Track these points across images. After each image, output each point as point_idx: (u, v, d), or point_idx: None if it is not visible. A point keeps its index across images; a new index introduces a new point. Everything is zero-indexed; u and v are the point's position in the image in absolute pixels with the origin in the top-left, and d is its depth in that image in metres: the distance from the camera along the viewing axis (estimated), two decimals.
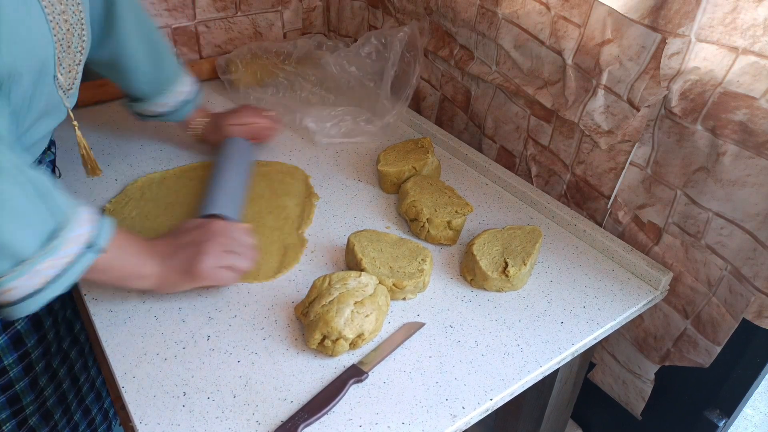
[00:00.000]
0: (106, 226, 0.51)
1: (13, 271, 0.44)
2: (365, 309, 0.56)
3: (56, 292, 0.47)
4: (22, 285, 0.45)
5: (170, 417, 0.51)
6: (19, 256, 0.44)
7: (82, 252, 0.48)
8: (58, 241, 0.46)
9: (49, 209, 0.46)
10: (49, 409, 0.69)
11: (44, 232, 0.46)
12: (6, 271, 0.44)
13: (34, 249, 0.45)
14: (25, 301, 0.46)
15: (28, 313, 0.47)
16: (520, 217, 0.78)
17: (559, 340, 0.60)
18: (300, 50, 1.08)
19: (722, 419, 0.72)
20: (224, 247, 0.59)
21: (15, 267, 0.44)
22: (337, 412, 0.52)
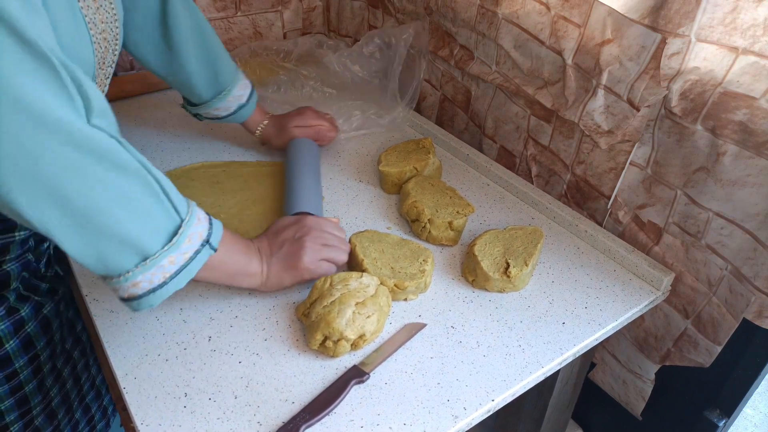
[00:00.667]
0: (216, 225, 0.53)
1: (140, 266, 0.46)
2: (367, 310, 0.56)
3: (177, 287, 0.49)
4: (147, 279, 0.47)
5: (171, 418, 0.51)
6: (145, 252, 0.46)
7: (199, 249, 0.50)
8: (179, 238, 0.48)
9: (172, 207, 0.48)
10: (53, 408, 0.69)
11: (168, 229, 0.47)
12: (133, 266, 0.46)
13: (160, 245, 0.47)
14: (148, 295, 0.47)
15: (150, 307, 0.48)
16: (521, 218, 0.78)
17: (561, 340, 0.60)
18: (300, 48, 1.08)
19: (722, 419, 0.72)
20: (321, 240, 0.62)
21: (141, 262, 0.46)
22: (339, 413, 0.52)
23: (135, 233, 0.45)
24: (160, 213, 0.47)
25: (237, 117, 0.82)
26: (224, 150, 0.90)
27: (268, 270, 0.59)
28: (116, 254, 0.45)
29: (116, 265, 0.45)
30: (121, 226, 0.44)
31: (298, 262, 0.60)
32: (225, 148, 0.91)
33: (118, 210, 0.43)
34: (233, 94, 0.80)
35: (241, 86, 0.81)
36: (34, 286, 0.63)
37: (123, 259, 0.45)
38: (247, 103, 0.82)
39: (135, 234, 0.45)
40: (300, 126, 0.85)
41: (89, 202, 0.42)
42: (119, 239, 0.44)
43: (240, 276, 0.58)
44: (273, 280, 0.60)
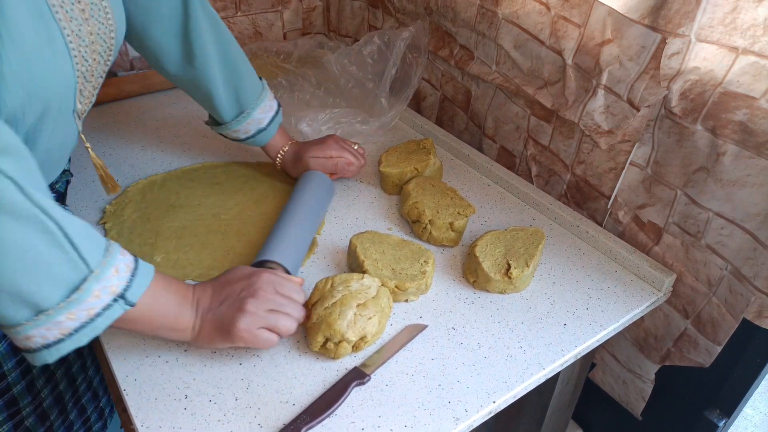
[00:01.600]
0: (139, 277, 0.47)
1: (32, 321, 0.41)
2: (368, 311, 0.56)
3: (78, 344, 0.44)
4: (40, 335, 0.42)
5: (172, 420, 0.51)
6: (38, 307, 0.41)
7: (109, 304, 0.45)
8: (81, 294, 0.43)
9: (78, 257, 0.43)
10: (45, 409, 0.69)
11: (68, 283, 0.42)
12: (25, 320, 0.41)
13: (56, 300, 0.42)
14: (41, 351, 0.43)
15: (47, 362, 0.44)
16: (522, 219, 0.78)
17: (562, 342, 0.60)
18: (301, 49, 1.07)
19: (722, 419, 0.72)
20: (269, 304, 0.53)
21: (34, 317, 0.41)
22: (340, 415, 0.52)
23: (25, 286, 0.40)
24: (61, 264, 0.42)
25: (256, 141, 0.78)
26: (224, 150, 0.90)
27: (200, 327, 0.52)
28: (3, 306, 0.40)
29: (4, 317, 0.41)
30: (9, 277, 0.39)
31: (232, 326, 0.51)
32: (225, 149, 0.91)
33: (7, 260, 0.39)
34: (253, 116, 0.75)
35: (263, 108, 0.76)
36: None
37: (12, 311, 0.41)
38: (267, 128, 0.77)
39: (25, 287, 0.40)
40: (317, 157, 0.78)
41: None
42: (7, 291, 0.40)
43: (165, 330, 0.51)
44: (204, 340, 0.53)
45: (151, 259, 0.67)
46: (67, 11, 0.48)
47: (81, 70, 0.51)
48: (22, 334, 0.42)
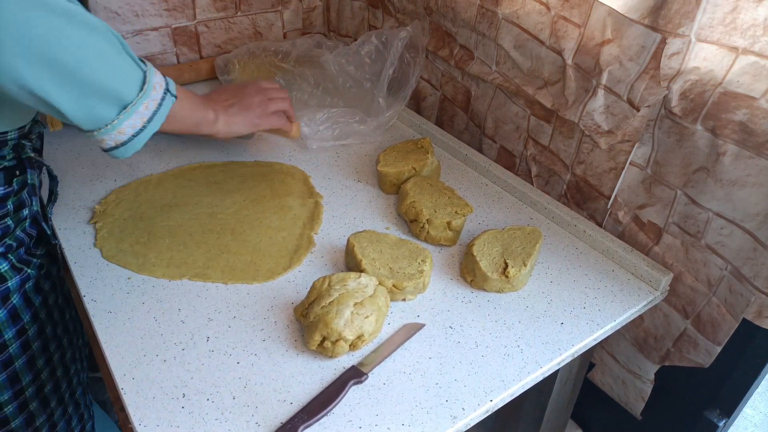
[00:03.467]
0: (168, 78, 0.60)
1: (122, 114, 0.53)
2: (365, 310, 0.56)
3: (153, 130, 0.57)
4: (130, 125, 0.54)
5: (169, 418, 0.51)
6: (123, 101, 0.53)
7: (164, 95, 0.57)
8: (148, 86, 0.55)
9: (135, 60, 0.55)
10: (46, 395, 0.69)
11: (138, 79, 0.55)
12: (114, 116, 0.53)
13: (135, 94, 0.54)
14: (132, 139, 0.55)
15: (135, 150, 0.56)
16: (520, 218, 0.78)
17: (559, 341, 0.60)
18: (299, 49, 1.07)
19: (722, 419, 0.72)
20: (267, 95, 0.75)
21: (122, 111, 0.53)
22: (337, 414, 0.52)
23: (114, 85, 0.52)
24: (128, 66, 0.54)
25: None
26: (223, 151, 0.90)
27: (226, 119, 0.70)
28: (101, 105, 0.52)
29: (103, 116, 0.52)
30: (100, 79, 0.51)
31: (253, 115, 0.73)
32: (223, 149, 0.91)
33: (96, 65, 0.50)
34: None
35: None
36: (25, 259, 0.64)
37: (107, 109, 0.53)
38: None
39: (114, 85, 0.52)
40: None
41: (71, 59, 0.48)
42: (102, 91, 0.51)
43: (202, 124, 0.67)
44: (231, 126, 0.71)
45: (144, 258, 0.67)
46: None
47: None
48: (117, 128, 0.54)
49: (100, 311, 0.61)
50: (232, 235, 0.72)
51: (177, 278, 0.65)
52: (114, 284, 0.64)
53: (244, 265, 0.67)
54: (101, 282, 0.65)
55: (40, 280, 0.66)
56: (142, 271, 0.66)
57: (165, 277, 0.65)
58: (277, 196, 0.79)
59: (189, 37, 1.09)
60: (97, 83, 0.51)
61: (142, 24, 1.03)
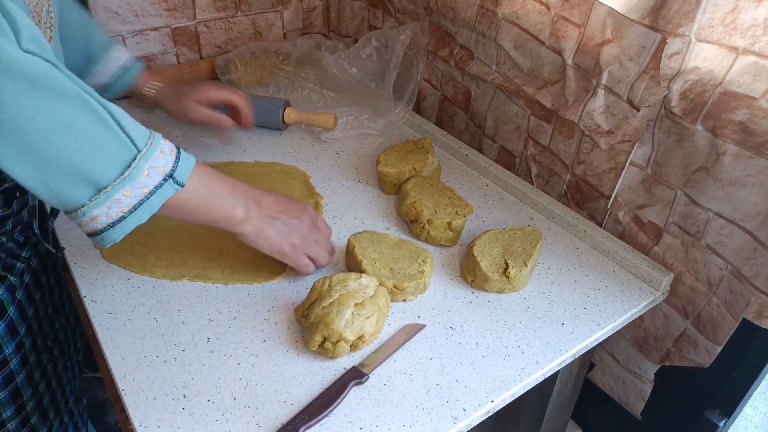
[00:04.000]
0: (184, 160, 0.50)
1: (94, 200, 0.45)
2: (366, 311, 0.56)
3: (137, 223, 0.48)
4: (103, 213, 0.46)
5: (170, 419, 0.51)
6: (98, 184, 0.45)
7: (160, 183, 0.48)
8: (133, 171, 0.46)
9: (125, 137, 0.46)
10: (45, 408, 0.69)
11: (120, 160, 0.46)
12: (87, 199, 0.45)
13: (112, 177, 0.45)
14: (108, 230, 0.47)
15: (113, 242, 0.48)
16: (520, 218, 0.78)
17: (560, 341, 0.60)
18: (299, 50, 1.08)
19: (722, 419, 0.72)
20: (314, 235, 0.61)
21: (95, 195, 0.45)
22: (338, 415, 0.52)
23: (83, 164, 0.43)
24: (111, 143, 0.45)
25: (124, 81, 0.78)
26: (223, 150, 0.90)
27: (259, 226, 0.57)
28: (68, 186, 0.44)
29: (69, 198, 0.45)
30: (67, 157, 0.43)
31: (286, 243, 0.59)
32: (224, 149, 0.91)
33: (61, 139, 0.42)
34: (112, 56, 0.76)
35: (120, 50, 0.77)
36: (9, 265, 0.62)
37: (75, 191, 0.44)
38: (132, 66, 0.78)
39: (83, 165, 0.43)
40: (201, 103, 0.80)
41: (31, 131, 0.41)
42: (68, 170, 0.43)
43: (222, 220, 0.55)
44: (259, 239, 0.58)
45: (144, 259, 0.67)
46: None
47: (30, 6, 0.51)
48: (88, 214, 0.46)
49: (100, 312, 0.61)
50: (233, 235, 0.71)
51: (177, 279, 0.65)
52: (114, 285, 0.64)
53: (245, 266, 0.67)
54: (101, 283, 0.65)
55: (31, 290, 0.65)
56: (143, 272, 0.66)
57: (165, 277, 0.65)
58: None
59: (189, 37, 1.09)
60: (62, 160, 0.43)
61: (142, 24, 1.03)
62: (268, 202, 0.59)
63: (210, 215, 0.54)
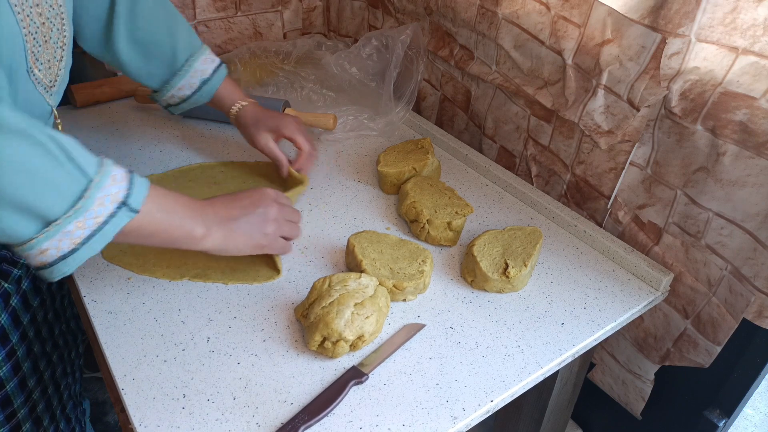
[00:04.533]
0: (138, 185, 0.49)
1: (43, 233, 0.43)
2: (365, 310, 0.56)
3: (90, 254, 0.46)
4: (54, 246, 0.44)
5: (170, 419, 0.51)
6: (46, 218, 0.43)
7: (114, 212, 0.46)
8: (85, 201, 0.44)
9: (75, 168, 0.44)
10: (38, 415, 0.68)
11: (71, 193, 0.44)
12: (35, 233, 0.43)
13: (62, 210, 0.44)
14: (58, 263, 0.45)
15: (64, 274, 0.46)
16: (520, 218, 0.78)
17: (560, 341, 0.60)
18: (299, 50, 1.08)
19: (722, 419, 0.72)
20: (282, 215, 0.61)
21: (44, 229, 0.43)
22: (338, 414, 0.52)
23: (30, 198, 0.42)
24: (60, 176, 0.43)
25: (203, 93, 0.76)
26: (222, 150, 0.90)
27: (225, 235, 0.56)
28: (13, 221, 0.42)
29: (16, 232, 0.43)
30: (12, 192, 0.41)
31: (262, 233, 0.59)
32: (224, 149, 0.91)
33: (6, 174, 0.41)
34: (195, 67, 0.73)
35: (205, 60, 0.74)
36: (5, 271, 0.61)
37: (22, 226, 0.43)
38: (211, 78, 0.75)
39: (30, 199, 0.42)
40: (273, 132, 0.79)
41: None
42: (15, 205, 0.42)
43: (184, 240, 0.54)
44: (231, 246, 0.57)
45: (144, 259, 0.67)
46: None
47: (29, 29, 0.50)
48: (36, 248, 0.44)
49: (100, 312, 0.61)
50: None
51: (177, 278, 0.65)
52: (114, 285, 0.64)
53: (245, 266, 0.67)
54: (101, 282, 0.65)
55: (29, 297, 0.64)
56: (143, 272, 0.66)
57: (165, 277, 0.65)
58: None
59: None
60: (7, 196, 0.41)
61: None
62: (225, 207, 0.58)
63: (169, 237, 0.53)
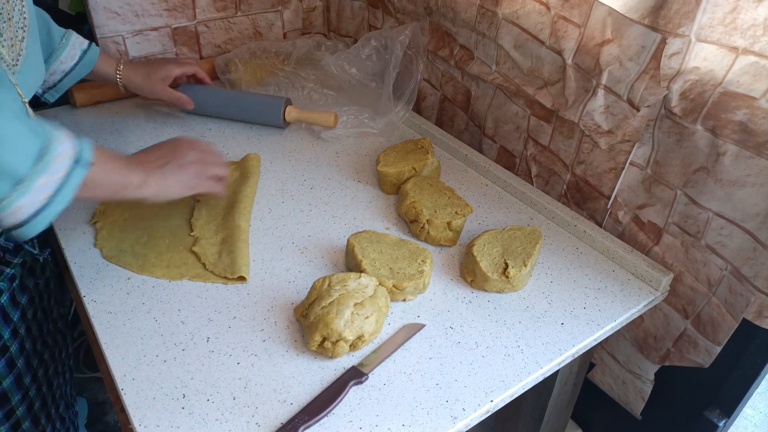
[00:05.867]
0: (84, 142, 0.53)
1: (14, 191, 0.47)
2: (365, 310, 0.56)
3: (59, 207, 0.50)
4: (26, 204, 0.48)
5: (170, 419, 0.51)
6: (15, 176, 0.47)
7: (72, 166, 0.51)
8: (48, 158, 0.49)
9: (32, 129, 0.49)
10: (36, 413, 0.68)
11: (33, 151, 0.48)
12: (7, 193, 0.47)
13: (28, 167, 0.47)
14: (33, 219, 0.49)
15: (38, 231, 0.50)
16: (520, 218, 0.78)
17: (560, 341, 0.60)
18: (299, 50, 1.08)
19: (722, 419, 0.72)
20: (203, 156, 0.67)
21: (15, 187, 0.47)
22: (337, 414, 0.52)
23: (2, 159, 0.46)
24: (21, 137, 0.47)
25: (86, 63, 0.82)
26: (222, 150, 0.90)
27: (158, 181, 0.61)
28: None
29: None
30: None
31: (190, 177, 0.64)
32: (223, 149, 0.91)
33: None
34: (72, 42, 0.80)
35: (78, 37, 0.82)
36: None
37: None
38: (90, 48, 0.82)
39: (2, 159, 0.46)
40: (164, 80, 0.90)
41: None
42: None
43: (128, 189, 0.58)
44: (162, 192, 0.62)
45: (144, 259, 0.67)
46: None
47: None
48: (10, 207, 0.47)
49: (100, 312, 0.61)
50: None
51: (177, 279, 0.65)
52: (114, 285, 0.64)
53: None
54: (101, 282, 0.65)
55: (16, 294, 0.65)
56: (143, 272, 0.66)
57: (165, 277, 0.65)
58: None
59: (189, 37, 1.09)
60: None
61: (142, 24, 1.03)
62: (149, 157, 0.64)
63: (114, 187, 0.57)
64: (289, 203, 0.80)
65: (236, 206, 0.74)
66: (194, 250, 0.68)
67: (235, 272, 0.65)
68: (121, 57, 0.92)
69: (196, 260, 0.68)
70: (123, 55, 1.04)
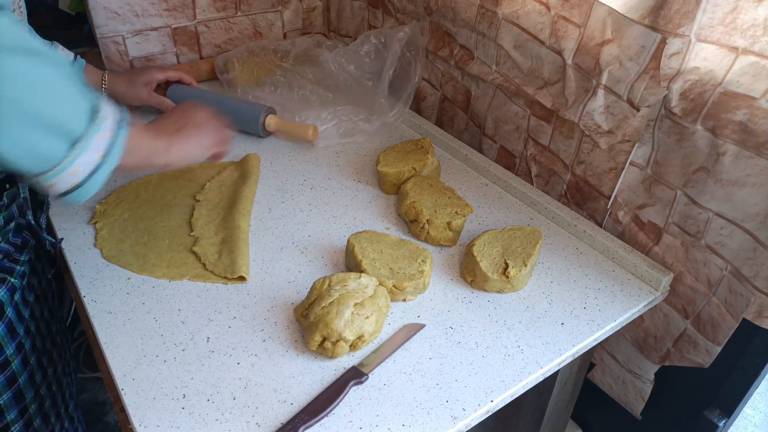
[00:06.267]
0: (120, 105, 0.54)
1: (72, 151, 0.46)
2: (365, 310, 0.56)
3: (111, 166, 0.50)
4: (83, 163, 0.48)
5: (170, 419, 0.51)
6: (73, 135, 0.47)
7: (118, 125, 0.51)
8: (101, 115, 0.49)
9: (83, 88, 0.48)
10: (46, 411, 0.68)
11: (87, 111, 0.48)
12: (64, 154, 0.46)
13: (85, 125, 0.47)
14: (87, 180, 0.49)
15: (94, 191, 0.50)
16: (520, 218, 0.78)
17: (560, 341, 0.60)
18: (298, 48, 1.08)
19: (722, 419, 0.72)
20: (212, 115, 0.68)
21: (72, 146, 0.46)
22: (338, 414, 0.52)
23: (60, 115, 0.45)
24: (77, 94, 0.47)
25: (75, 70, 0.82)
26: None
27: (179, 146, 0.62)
28: (46, 143, 0.45)
29: (50, 153, 0.46)
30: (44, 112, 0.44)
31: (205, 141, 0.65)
32: None
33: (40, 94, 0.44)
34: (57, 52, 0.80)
35: (62, 49, 0.81)
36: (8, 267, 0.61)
37: (55, 146, 0.46)
38: (76, 59, 0.83)
39: (60, 116, 0.45)
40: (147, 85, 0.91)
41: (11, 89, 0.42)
42: (44, 126, 0.44)
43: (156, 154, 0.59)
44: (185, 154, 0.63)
45: (144, 259, 0.67)
46: None
47: None
48: (71, 166, 0.47)
49: (100, 312, 0.61)
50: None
51: (177, 279, 0.65)
52: (114, 285, 0.64)
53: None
54: (101, 282, 0.65)
55: (24, 293, 0.64)
56: (143, 272, 0.66)
57: (165, 277, 0.65)
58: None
59: (189, 37, 1.09)
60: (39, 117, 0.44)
61: (142, 24, 1.03)
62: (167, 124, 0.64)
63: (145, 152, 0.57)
64: (289, 203, 0.80)
65: (236, 206, 0.74)
66: (194, 250, 0.69)
67: (235, 272, 0.65)
68: (105, 68, 0.94)
69: (196, 260, 0.68)
70: (123, 55, 1.04)
